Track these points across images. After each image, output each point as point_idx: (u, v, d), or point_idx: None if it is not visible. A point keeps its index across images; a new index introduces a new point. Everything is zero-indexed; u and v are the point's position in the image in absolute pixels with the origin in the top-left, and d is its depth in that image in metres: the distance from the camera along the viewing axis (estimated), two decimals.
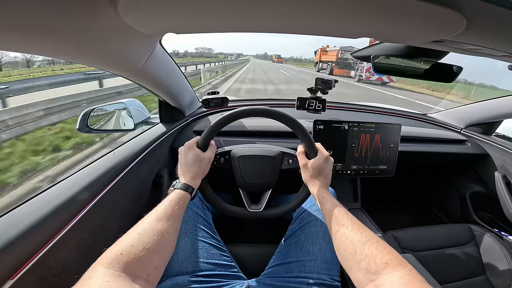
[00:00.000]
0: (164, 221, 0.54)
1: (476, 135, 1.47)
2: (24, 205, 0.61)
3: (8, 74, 17.38)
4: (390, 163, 1.20)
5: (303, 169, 0.75)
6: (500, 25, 0.43)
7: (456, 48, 0.63)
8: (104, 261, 0.43)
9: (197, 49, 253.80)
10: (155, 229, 0.51)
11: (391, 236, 1.16)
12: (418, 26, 0.48)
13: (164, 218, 0.54)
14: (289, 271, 0.76)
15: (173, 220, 0.56)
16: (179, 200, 0.61)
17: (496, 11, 0.36)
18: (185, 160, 0.71)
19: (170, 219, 0.55)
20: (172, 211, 0.57)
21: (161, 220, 0.54)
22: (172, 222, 0.55)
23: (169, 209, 0.57)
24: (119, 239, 0.48)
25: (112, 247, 0.46)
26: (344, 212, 0.61)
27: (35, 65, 40.16)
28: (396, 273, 0.44)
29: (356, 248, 0.51)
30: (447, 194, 1.73)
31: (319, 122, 1.11)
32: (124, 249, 0.45)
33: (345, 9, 0.43)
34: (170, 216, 0.56)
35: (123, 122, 1.20)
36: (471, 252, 1.18)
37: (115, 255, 0.44)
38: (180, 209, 0.60)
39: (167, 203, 0.59)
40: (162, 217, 0.55)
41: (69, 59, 0.57)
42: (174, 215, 0.57)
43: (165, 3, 0.41)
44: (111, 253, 0.44)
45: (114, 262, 0.43)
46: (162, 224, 0.53)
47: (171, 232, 0.54)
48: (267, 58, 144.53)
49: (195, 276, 0.73)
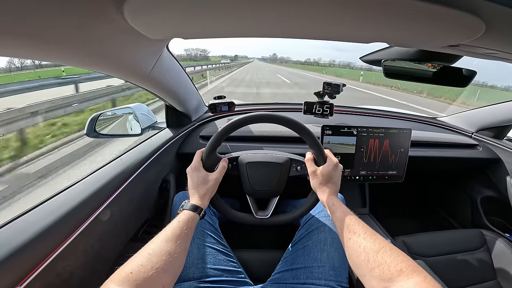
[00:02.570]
0: (173, 242, 0.55)
1: (488, 139, 1.44)
2: (33, 211, 0.61)
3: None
4: (400, 168, 1.18)
5: (311, 176, 0.75)
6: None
7: (471, 52, 0.62)
8: (115, 279, 0.45)
9: (187, 50, 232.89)
10: (163, 250, 0.53)
11: (401, 241, 1.15)
12: (435, 31, 0.48)
13: (172, 239, 0.56)
14: (296, 277, 0.76)
15: (181, 241, 0.57)
16: (187, 221, 0.62)
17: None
18: (192, 182, 0.72)
19: (178, 240, 0.56)
20: (181, 232, 0.58)
21: (170, 241, 0.55)
22: (181, 243, 0.56)
23: (177, 230, 0.58)
24: (130, 259, 0.50)
25: (123, 266, 0.48)
26: (356, 220, 0.60)
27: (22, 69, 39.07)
28: (411, 280, 0.43)
29: (369, 256, 0.51)
30: (457, 198, 1.70)
31: (327, 127, 1.10)
32: (134, 268, 0.47)
33: (360, 16, 0.42)
34: (179, 236, 0.57)
35: (130, 127, 1.20)
36: (482, 257, 1.15)
37: (125, 274, 0.46)
38: (189, 230, 0.61)
39: (175, 224, 0.60)
40: (170, 238, 0.56)
41: (76, 65, 0.57)
42: (182, 236, 0.58)
43: (171, 9, 0.41)
44: (122, 272, 0.46)
45: (124, 280, 0.45)
46: (170, 244, 0.55)
47: (179, 252, 0.55)
48: (276, 62, 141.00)
49: (202, 282, 0.73)
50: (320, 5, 0.39)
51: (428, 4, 0.35)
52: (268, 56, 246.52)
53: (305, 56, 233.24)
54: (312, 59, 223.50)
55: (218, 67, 26.69)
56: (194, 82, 1.20)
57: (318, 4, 0.39)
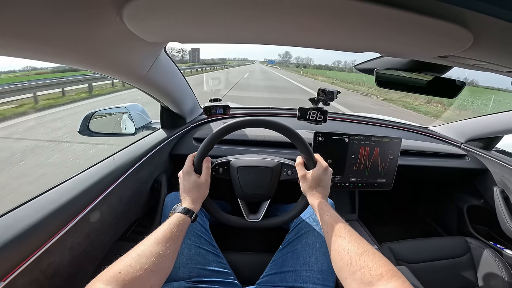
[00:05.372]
0: (163, 244, 0.55)
1: (476, 150, 1.47)
2: (21, 208, 0.61)
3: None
4: (389, 176, 1.20)
5: (302, 179, 0.76)
6: (506, 41, 0.43)
7: (460, 63, 0.64)
8: (103, 278, 0.45)
9: (179, 51, 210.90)
10: (153, 251, 0.53)
11: (387, 248, 1.16)
12: (425, 42, 0.49)
13: (162, 241, 0.56)
14: (284, 280, 0.76)
15: (171, 243, 0.57)
16: (179, 224, 0.62)
17: (503, 27, 0.37)
18: (184, 186, 0.73)
19: (168, 242, 0.56)
20: (171, 234, 0.58)
21: (160, 243, 0.55)
22: (170, 245, 0.57)
23: (167, 232, 0.59)
24: (118, 259, 0.50)
25: (112, 266, 0.48)
26: (342, 224, 0.61)
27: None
28: (390, 285, 0.44)
29: (352, 259, 0.52)
30: (444, 207, 1.73)
31: (320, 134, 1.11)
32: (123, 268, 0.47)
33: (352, 27, 0.44)
34: (169, 238, 0.57)
35: (124, 126, 1.20)
36: (466, 264, 1.18)
37: (114, 273, 0.46)
38: (179, 232, 0.61)
39: (166, 226, 0.60)
40: (160, 240, 0.56)
41: (74, 65, 0.58)
42: (172, 238, 0.58)
43: (169, 14, 0.42)
44: (110, 272, 0.46)
45: (112, 279, 0.45)
46: (160, 246, 0.55)
47: (168, 254, 0.55)
48: (290, 67, 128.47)
49: (191, 282, 0.73)
50: (315, 16, 0.40)
51: (417, 16, 0.36)
52: (278, 58, 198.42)
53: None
54: (343, 61, 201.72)
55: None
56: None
57: (313, 15, 0.40)
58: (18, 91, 7.65)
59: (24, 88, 7.84)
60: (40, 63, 4.76)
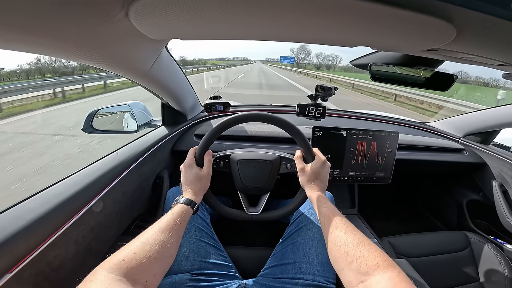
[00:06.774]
0: (166, 233, 0.57)
1: (474, 144, 1.48)
2: (27, 201, 0.63)
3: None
4: (387, 170, 1.21)
5: (300, 173, 0.77)
6: (489, 33, 0.45)
7: (450, 57, 0.65)
8: (106, 266, 0.45)
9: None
10: (157, 239, 0.54)
11: (387, 242, 1.17)
12: (410, 35, 0.51)
13: (166, 230, 0.57)
14: (285, 272, 0.77)
15: (174, 232, 0.58)
16: (181, 214, 0.64)
17: (484, 20, 0.38)
18: (185, 179, 0.74)
19: (171, 231, 0.58)
20: (174, 224, 0.60)
21: (163, 231, 0.57)
22: (174, 234, 0.58)
23: (171, 221, 0.60)
24: (122, 247, 0.51)
25: (116, 254, 0.48)
26: (339, 216, 0.63)
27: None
28: (386, 275, 0.45)
29: (348, 249, 0.53)
30: (444, 201, 1.74)
31: (318, 128, 1.13)
32: (127, 256, 0.48)
33: (342, 21, 0.45)
34: (172, 228, 0.59)
35: (127, 124, 1.22)
36: (466, 258, 1.18)
37: (117, 261, 0.46)
38: (182, 222, 0.63)
39: (169, 216, 0.62)
40: (164, 229, 0.58)
41: (78, 60, 0.60)
42: (175, 227, 0.59)
43: (173, 12, 0.43)
44: (114, 259, 0.47)
45: (116, 267, 0.45)
46: (164, 235, 0.56)
47: (172, 242, 0.57)
48: (305, 68, 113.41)
49: (193, 274, 0.74)
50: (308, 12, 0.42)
51: (402, 10, 0.38)
52: (291, 55, 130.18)
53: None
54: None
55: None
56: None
57: (308, 12, 0.42)
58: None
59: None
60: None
